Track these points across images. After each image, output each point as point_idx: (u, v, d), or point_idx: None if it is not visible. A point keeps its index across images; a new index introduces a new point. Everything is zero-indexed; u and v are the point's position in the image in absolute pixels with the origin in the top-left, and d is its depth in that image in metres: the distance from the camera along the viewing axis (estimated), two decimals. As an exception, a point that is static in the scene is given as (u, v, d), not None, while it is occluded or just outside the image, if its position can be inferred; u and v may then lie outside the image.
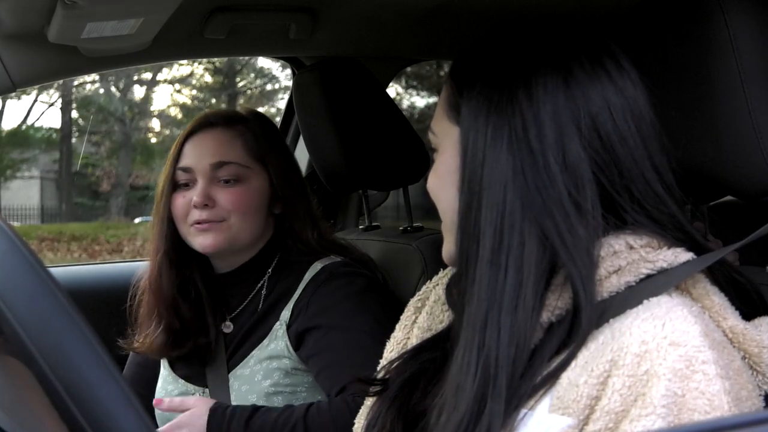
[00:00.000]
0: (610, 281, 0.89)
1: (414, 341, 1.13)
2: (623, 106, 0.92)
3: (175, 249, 1.68)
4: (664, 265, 0.89)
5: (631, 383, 0.82)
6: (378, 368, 1.12)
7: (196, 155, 1.67)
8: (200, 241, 1.65)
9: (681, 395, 0.80)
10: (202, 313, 1.70)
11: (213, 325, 1.70)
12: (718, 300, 0.90)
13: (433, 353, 1.06)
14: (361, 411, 1.16)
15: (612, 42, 0.98)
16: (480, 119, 0.93)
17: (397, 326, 1.19)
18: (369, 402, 1.11)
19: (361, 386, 1.17)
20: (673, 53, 1.08)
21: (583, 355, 0.86)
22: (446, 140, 0.99)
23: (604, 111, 0.91)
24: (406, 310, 1.19)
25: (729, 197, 1.15)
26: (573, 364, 0.86)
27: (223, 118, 1.71)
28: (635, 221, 0.92)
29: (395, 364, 1.08)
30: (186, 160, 1.67)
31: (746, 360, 0.89)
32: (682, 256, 0.90)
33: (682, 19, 1.09)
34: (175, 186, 1.68)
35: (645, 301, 0.86)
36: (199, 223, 1.64)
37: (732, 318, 0.90)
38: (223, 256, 1.70)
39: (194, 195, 1.64)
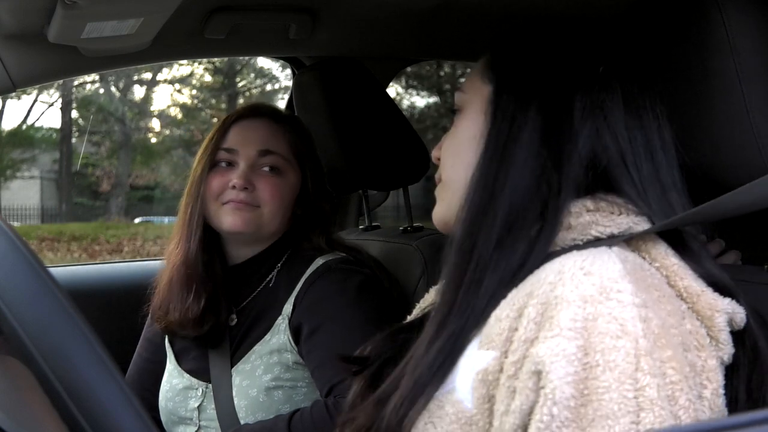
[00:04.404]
0: (560, 236, 0.92)
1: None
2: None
3: (205, 229, 1.69)
4: (615, 231, 0.92)
5: (543, 310, 0.83)
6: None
7: (243, 139, 1.70)
8: (231, 219, 1.66)
9: (592, 319, 0.80)
10: (216, 301, 1.71)
11: (224, 311, 1.70)
12: (676, 261, 0.91)
13: (408, 335, 1.08)
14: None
15: (610, 42, 0.99)
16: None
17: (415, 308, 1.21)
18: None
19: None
20: (670, 53, 1.09)
21: (511, 293, 0.88)
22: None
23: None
24: (426, 294, 1.21)
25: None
26: (501, 302, 0.89)
27: (272, 111, 1.76)
28: (624, 192, 0.95)
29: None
30: (231, 142, 1.70)
31: (701, 323, 0.89)
32: (641, 225, 0.93)
33: (680, 18, 1.09)
34: (212, 166, 1.70)
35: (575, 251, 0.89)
36: (233, 201, 1.66)
37: (689, 279, 0.90)
38: (240, 243, 1.72)
39: (234, 177, 1.67)
